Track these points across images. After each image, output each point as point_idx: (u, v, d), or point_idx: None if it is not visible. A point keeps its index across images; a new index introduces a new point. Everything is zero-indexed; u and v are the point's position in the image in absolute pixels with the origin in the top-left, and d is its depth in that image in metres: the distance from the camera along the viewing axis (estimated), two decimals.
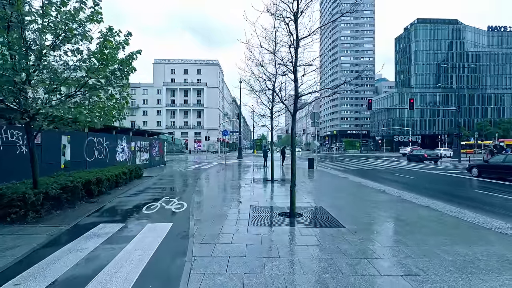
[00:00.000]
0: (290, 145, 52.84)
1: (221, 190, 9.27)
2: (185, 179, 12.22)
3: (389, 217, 5.79)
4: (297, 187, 10.05)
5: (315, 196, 8.22)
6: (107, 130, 13.02)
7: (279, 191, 8.98)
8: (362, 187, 10.02)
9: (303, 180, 11.73)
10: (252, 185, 10.14)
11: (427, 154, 27.72)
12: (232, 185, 10.17)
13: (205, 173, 14.53)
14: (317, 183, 11.07)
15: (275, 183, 10.77)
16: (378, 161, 28.17)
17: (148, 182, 11.07)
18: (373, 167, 20.58)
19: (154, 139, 18.66)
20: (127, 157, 14.57)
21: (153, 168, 17.36)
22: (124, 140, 14.08)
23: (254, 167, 18.95)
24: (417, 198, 7.86)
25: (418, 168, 19.30)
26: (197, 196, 7.96)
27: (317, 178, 12.86)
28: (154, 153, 18.61)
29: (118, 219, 5.47)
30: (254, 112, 11.78)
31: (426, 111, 75.50)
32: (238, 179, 12.04)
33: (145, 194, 8.25)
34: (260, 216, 5.76)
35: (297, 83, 5.87)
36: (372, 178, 13.59)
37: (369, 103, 28.16)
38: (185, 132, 70.85)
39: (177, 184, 10.46)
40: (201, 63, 75.06)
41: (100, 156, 11.57)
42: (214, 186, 10.16)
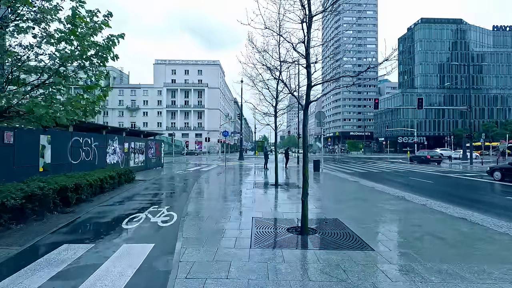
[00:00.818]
0: (295, 146, 52.29)
1: (219, 196, 8.19)
2: (180, 183, 11.16)
3: (424, 233, 4.69)
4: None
5: (327, 204, 7.13)
6: (96, 130, 12.00)
7: (285, 198, 7.89)
8: (377, 192, 8.92)
9: (310, 185, 10.63)
10: (254, 191, 9.06)
11: (430, 156, 27.07)
12: (232, 191, 9.09)
13: (204, 177, 13.47)
14: (326, 188, 9.97)
15: (280, 188, 9.68)
16: (385, 163, 26.99)
17: (140, 187, 10.01)
18: (381, 169, 19.44)
19: (150, 140, 17.63)
20: (120, 159, 13.54)
21: (149, 171, 16.32)
22: (116, 141, 13.05)
23: (255, 170, 17.88)
24: (446, 207, 6.74)
25: (430, 171, 18.14)
26: (191, 204, 6.88)
27: (325, 182, 11.76)
28: (150, 154, 17.58)
29: (88, 238, 4.40)
30: (256, 110, 10.72)
31: (431, 112, 74.18)
32: (239, 183, 10.96)
33: (131, 202, 7.18)
34: (265, 233, 4.67)
35: (310, 69, 4.80)
36: (385, 182, 12.48)
37: (375, 102, 27.06)
38: (185, 134, 69.92)
39: (171, 190, 9.40)
40: (202, 64, 74.24)
41: (87, 158, 10.53)
42: (211, 192, 9.08)
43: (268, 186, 10.22)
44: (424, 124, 74.47)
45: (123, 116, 71.55)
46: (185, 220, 5.30)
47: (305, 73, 4.89)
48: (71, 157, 9.62)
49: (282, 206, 6.89)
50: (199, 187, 9.84)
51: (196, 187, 9.91)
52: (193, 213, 5.97)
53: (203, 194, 8.59)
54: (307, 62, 4.80)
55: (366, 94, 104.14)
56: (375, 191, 9.18)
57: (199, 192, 8.77)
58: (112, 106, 71.80)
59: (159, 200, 7.47)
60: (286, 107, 11.30)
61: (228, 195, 8.26)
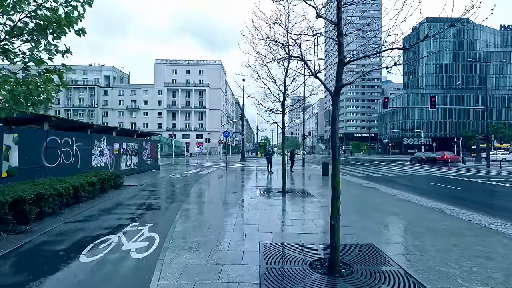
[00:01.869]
0: (297, 148, 50.65)
1: (217, 208, 6.79)
2: (174, 189, 9.78)
3: (509, 275, 3.26)
4: (319, 202, 7.59)
5: (353, 220, 5.71)
6: (80, 129, 10.65)
7: (298, 211, 6.48)
8: (403, 202, 7.49)
9: (323, 193, 9.21)
10: (258, 200, 7.66)
11: (425, 157, 29.79)
12: (233, 201, 7.68)
13: (202, 181, 12.08)
14: (344, 197, 8.47)
15: (289, 197, 8.28)
16: (396, 166, 25.49)
17: (126, 194, 8.64)
18: (395, 173, 17.97)
19: (145, 141, 16.28)
20: (108, 161, 12.18)
21: (142, 174, 14.95)
22: (104, 141, 11.70)
23: (259, 173, 16.47)
24: (506, 226, 5.31)
25: (449, 175, 16.65)
26: (181, 221, 5.48)
27: None
28: (144, 156, 16.23)
29: (16, 283, 3.01)
30: (261, 106, 9.32)
31: (437, 113, 72.45)
32: (240, 190, 9.56)
33: (107, 217, 5.80)
34: (280, 273, 3.26)
35: (342, 39, 3.41)
36: (406, 188, 11.04)
37: (385, 101, 25.59)
38: (186, 135, 68.65)
39: (161, 199, 8.01)
40: (203, 64, 73.06)
41: (67, 161, 9.17)
42: (208, 202, 7.68)
43: (274, 194, 8.82)
44: (430, 126, 72.77)
45: (123, 117, 70.43)
46: (168, 248, 3.90)
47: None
48: (46, 159, 8.26)
49: (295, 223, 5.48)
50: (195, 195, 8.45)
51: (192, 194, 8.51)
52: (181, 235, 4.56)
53: (198, 204, 7.19)
54: (338, 29, 3.41)
55: (370, 95, 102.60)
56: (402, 201, 7.75)
57: (193, 202, 7.37)
58: (112, 107, 70.76)
59: (143, 214, 6.08)
60: (296, 103, 9.89)
61: (228, 207, 6.86)
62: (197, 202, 7.36)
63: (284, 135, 9.33)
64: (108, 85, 71.95)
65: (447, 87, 76.34)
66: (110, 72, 72.91)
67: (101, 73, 72.01)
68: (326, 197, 8.23)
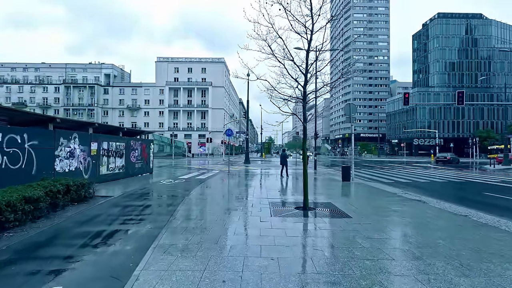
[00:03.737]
0: (311, 148, 47.47)
1: (211, 243, 4.35)
2: (158, 203, 7.38)
3: None
4: (362, 228, 4.71)
5: (444, 279, 3.22)
6: (38, 123, 8.32)
7: (341, 254, 4.01)
8: (480, 228, 5.00)
9: (359, 209, 6.74)
10: (273, 226, 5.22)
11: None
12: (235, 227, 5.25)
13: (198, 190, 9.69)
14: (393, 221, 6.04)
15: (314, 218, 5.84)
16: (417, 169, 22.85)
17: (88, 212, 6.27)
18: (426, 177, 15.40)
19: (133, 140, 13.93)
20: (82, 164, 9.85)
21: (130, 180, 12.61)
22: (76, 140, 9.36)
23: (266, 178, 14.04)
24: None
25: (496, 181, 14.06)
26: (145, 280, 3.07)
27: (375, 202, 7.83)
28: (133, 158, 13.89)
29: None
30: (273, 92, 6.89)
31: (449, 112, 69.28)
32: (245, 206, 7.12)
33: (13, 269, 3.41)
34: None
35: None
36: (460, 200, 8.52)
37: (405, 97, 22.96)
38: (188, 134, 66.52)
39: (131, 222, 5.59)
40: (206, 62, 70.91)
41: (14, 165, 6.83)
42: (200, 230, 5.25)
43: (293, 212, 6.38)
44: (442, 126, 69.56)
45: (123, 116, 68.56)
46: None
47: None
48: None
49: (340, 279, 3.01)
50: (182, 216, 6.03)
51: (178, 214, 6.10)
52: None
53: (183, 236, 4.76)
54: None
55: (378, 94, 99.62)
56: (483, 228, 5.25)
57: (177, 230, 4.95)
58: (112, 106, 68.96)
59: (81, 259, 3.68)
60: (321, 88, 7.42)
61: (228, 242, 4.41)
62: (182, 231, 4.94)
63: (306, 130, 6.89)
64: (108, 83, 70.18)
65: (460, 85, 73.12)
66: (111, 71, 71.11)
67: (101, 72, 70.24)
68: (367, 218, 5.77)
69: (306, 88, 6.89)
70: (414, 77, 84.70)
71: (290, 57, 6.93)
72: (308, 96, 7.01)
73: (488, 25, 74.00)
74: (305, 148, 7.02)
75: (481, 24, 74.32)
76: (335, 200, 8.04)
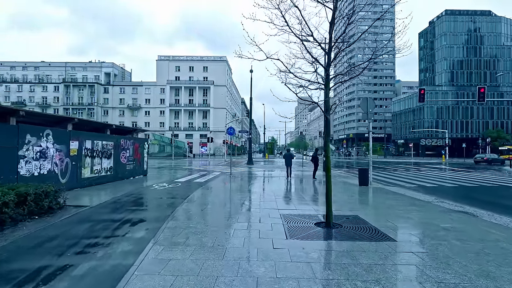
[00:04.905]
0: (305, 149, 46.30)
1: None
2: (143, 217, 5.86)
3: None
4: (416, 260, 3.30)
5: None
6: None
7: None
8: None
9: (393, 225, 5.18)
10: (292, 255, 3.70)
11: None
12: (241, 258, 3.72)
13: (194, 198, 8.18)
14: (445, 243, 4.47)
15: (344, 242, 4.30)
16: (435, 170, 21.19)
17: (45, 232, 4.77)
18: (449, 180, 13.78)
19: (123, 138, 12.44)
20: (58, 167, 8.37)
21: (119, 184, 11.14)
22: (49, 138, 7.89)
23: (272, 182, 12.50)
24: None
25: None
26: None
27: (409, 215, 6.25)
28: (124, 159, 12.42)
29: None
30: (288, 74, 5.34)
31: (458, 112, 67.27)
32: (252, 221, 5.59)
33: None
34: None
35: None
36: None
37: (421, 94, 21.36)
38: (189, 134, 65.13)
39: (97, 249, 4.08)
40: (207, 60, 69.49)
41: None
42: (189, 268, 3.72)
43: (314, 231, 4.85)
44: (450, 125, 67.52)
45: (124, 116, 67.32)
46: None
47: None
48: None
49: None
50: (167, 240, 4.52)
51: (162, 236, 4.58)
52: None
53: (162, 276, 3.24)
54: None
55: (383, 94, 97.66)
56: None
57: (154, 269, 3.43)
58: (112, 105, 67.76)
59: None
60: (356, 66, 5.87)
61: None
62: (162, 269, 3.43)
63: (329, 124, 5.35)
64: (108, 82, 68.99)
65: (468, 84, 71.12)
66: (111, 69, 69.94)
67: (102, 70, 69.09)
68: (416, 241, 4.21)
69: (329, 70, 5.36)
70: (420, 76, 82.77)
71: (308, 31, 5.41)
72: (332, 78, 5.48)
73: (497, 22, 71.94)
74: (328, 147, 5.48)
75: (490, 21, 72.27)
76: (361, 211, 6.49)
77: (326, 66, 5.36)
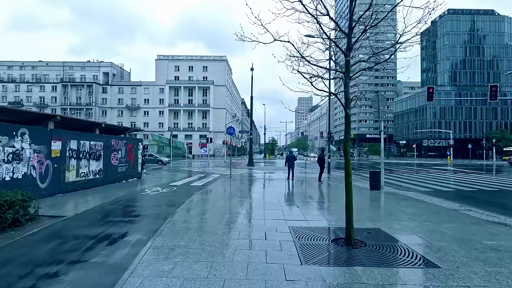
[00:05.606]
0: (304, 150, 45.38)
1: None
2: (125, 232, 4.91)
3: None
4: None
5: None
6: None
7: None
8: None
9: (427, 243, 4.23)
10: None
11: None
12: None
13: (189, 206, 7.24)
14: (502, 270, 3.52)
15: (375, 268, 3.35)
16: (445, 172, 20.25)
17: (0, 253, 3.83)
18: (466, 184, 12.84)
19: (115, 138, 11.50)
20: (37, 170, 7.44)
21: (108, 188, 10.21)
22: (24, 137, 6.96)
23: (275, 185, 11.54)
24: None
25: None
26: None
27: (441, 228, 5.31)
28: (115, 160, 11.48)
29: None
30: (300, 60, 4.40)
31: (461, 112, 66.36)
32: (256, 238, 4.66)
33: None
34: None
35: None
36: None
37: (429, 92, 20.46)
38: (189, 135, 64.17)
39: (58, 281, 3.14)
40: (207, 60, 68.58)
41: None
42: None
43: (333, 251, 3.92)
44: (452, 126, 66.55)
45: (122, 116, 66.38)
46: None
47: None
48: None
49: None
50: (149, 268, 3.58)
51: (145, 261, 3.65)
52: None
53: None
54: None
55: (384, 94, 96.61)
56: None
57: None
58: (111, 105, 66.83)
59: None
60: (381, 51, 4.94)
61: None
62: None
63: (350, 120, 4.43)
64: (107, 82, 68.06)
65: (471, 84, 70.23)
66: (110, 69, 69.04)
67: (100, 70, 68.19)
68: (466, 270, 3.27)
69: (349, 55, 4.43)
70: (422, 76, 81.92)
71: (323, 9, 4.48)
72: (353, 65, 4.56)
73: (500, 21, 71.13)
74: (349, 146, 4.54)
75: (493, 20, 71.47)
76: (382, 223, 5.56)
77: (345, 51, 4.44)
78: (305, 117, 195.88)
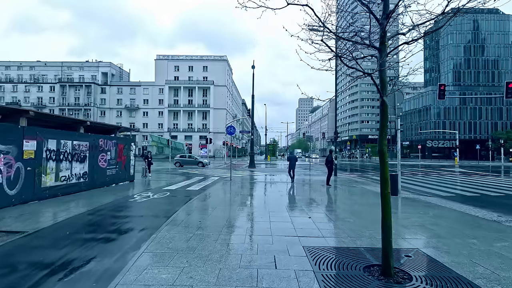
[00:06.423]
0: (306, 151, 44.08)
1: None
2: (93, 257, 3.82)
3: None
4: None
5: None
6: None
7: None
8: None
9: (491, 274, 3.14)
10: None
11: None
12: None
13: (181, 217, 6.15)
14: None
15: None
16: (460, 175, 19.12)
17: None
18: (489, 188, 11.72)
19: (103, 138, 10.42)
20: (4, 175, 6.36)
21: (94, 193, 9.13)
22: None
23: (280, 190, 10.44)
24: None
25: None
26: None
27: (494, 248, 4.21)
28: (103, 162, 10.40)
29: None
30: (323, 29, 3.34)
31: (466, 113, 65.23)
32: (263, 267, 3.56)
33: None
34: None
35: None
36: None
37: (440, 89, 19.37)
38: (189, 136, 63.11)
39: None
40: (207, 60, 67.61)
41: None
42: None
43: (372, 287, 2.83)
44: (456, 126, 65.38)
45: (121, 116, 65.39)
46: None
47: None
48: None
49: None
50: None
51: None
52: None
53: None
54: None
55: None
56: None
57: None
58: (109, 106, 65.86)
59: None
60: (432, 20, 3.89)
61: None
62: None
63: (387, 108, 3.36)
64: (106, 82, 67.10)
65: (475, 84, 69.05)
66: (108, 69, 68.08)
67: (99, 70, 67.25)
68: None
69: (386, 26, 3.36)
70: (425, 76, 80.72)
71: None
72: (388, 44, 3.49)
73: (505, 20, 70.01)
74: (385, 145, 3.46)
75: (498, 19, 70.34)
76: (418, 241, 4.47)
77: (381, 20, 3.36)
78: (306, 118, 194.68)
